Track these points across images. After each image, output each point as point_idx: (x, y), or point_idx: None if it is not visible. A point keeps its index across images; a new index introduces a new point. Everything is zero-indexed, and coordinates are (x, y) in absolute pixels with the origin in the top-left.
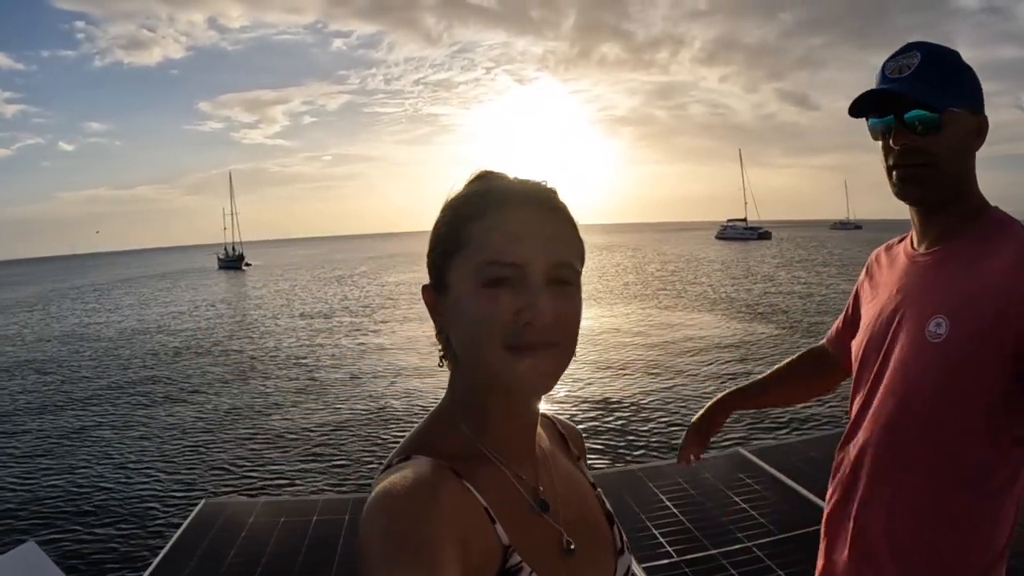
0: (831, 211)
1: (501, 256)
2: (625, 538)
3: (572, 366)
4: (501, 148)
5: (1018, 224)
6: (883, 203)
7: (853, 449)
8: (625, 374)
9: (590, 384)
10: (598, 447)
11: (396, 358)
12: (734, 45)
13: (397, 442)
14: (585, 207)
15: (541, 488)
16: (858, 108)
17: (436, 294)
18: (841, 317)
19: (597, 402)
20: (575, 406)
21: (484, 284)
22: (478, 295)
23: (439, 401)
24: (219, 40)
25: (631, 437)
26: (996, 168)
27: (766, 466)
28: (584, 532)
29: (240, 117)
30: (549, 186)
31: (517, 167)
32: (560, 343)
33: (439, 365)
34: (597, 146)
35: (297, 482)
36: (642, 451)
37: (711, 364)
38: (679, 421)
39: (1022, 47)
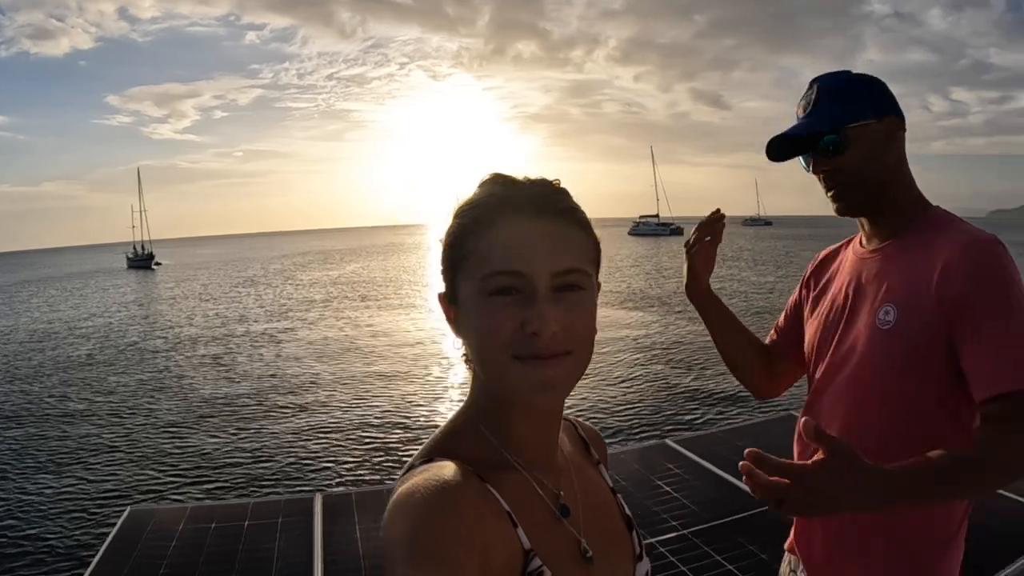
0: (743, 208)
1: (503, 266)
2: (643, 543)
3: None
4: (415, 144)
5: (956, 219)
6: (792, 201)
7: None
8: None
9: None
10: None
11: (313, 363)
12: (649, 45)
13: (317, 445)
14: None
15: (562, 493)
16: (779, 152)
17: (450, 304)
18: (781, 318)
19: None
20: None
21: (489, 294)
22: (484, 306)
23: (462, 404)
24: (129, 31)
25: None
26: None
27: (692, 455)
28: (603, 538)
29: (150, 111)
30: (556, 187)
31: (432, 164)
32: (573, 351)
33: (468, 369)
34: (511, 143)
35: (224, 486)
36: None
37: (626, 363)
38: (597, 415)
39: (929, 51)
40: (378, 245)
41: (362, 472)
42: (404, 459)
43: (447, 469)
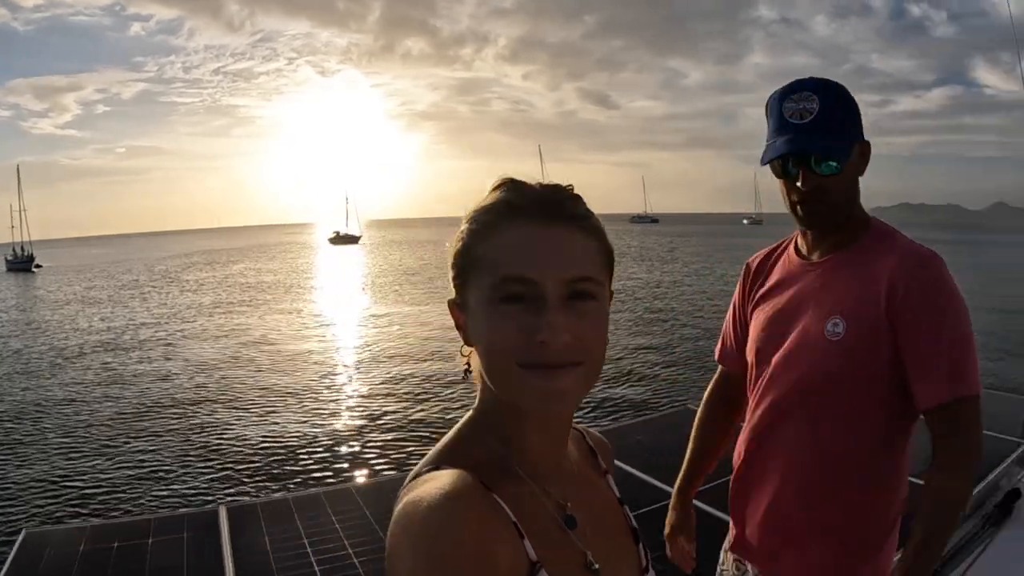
0: (630, 205)
1: (513, 272)
2: (650, 556)
3: (388, 364)
4: (303, 141)
5: (897, 233)
6: (677, 198)
7: (759, 433)
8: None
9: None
10: (415, 450)
11: (203, 372)
12: (538, 44)
13: (214, 456)
14: (385, 203)
15: (569, 504)
16: (766, 157)
17: (460, 311)
18: (727, 328)
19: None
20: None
21: (498, 302)
22: (492, 313)
23: (467, 413)
24: (10, 19)
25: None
26: None
27: None
28: (609, 549)
29: (30, 105)
30: (569, 193)
31: (320, 161)
32: (584, 362)
33: (463, 379)
34: (398, 141)
35: (121, 504)
36: None
37: None
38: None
39: (814, 56)
40: (266, 245)
41: (264, 481)
42: (306, 466)
43: (453, 478)
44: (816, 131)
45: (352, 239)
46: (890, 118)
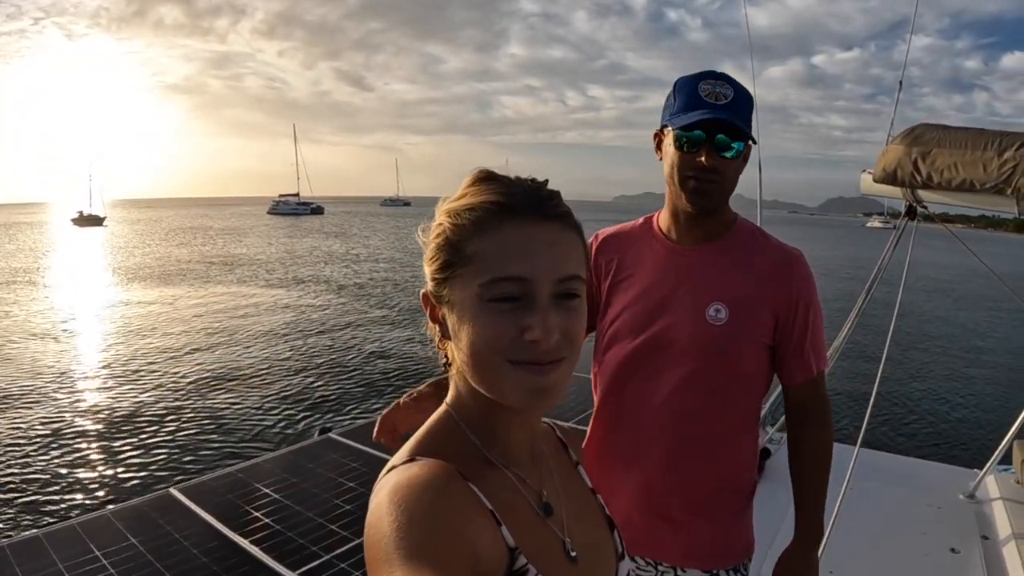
0: (382, 188)
1: (508, 272)
2: (624, 543)
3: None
4: (44, 112)
5: (760, 230)
6: (429, 181)
7: (631, 421)
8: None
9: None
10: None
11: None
12: (296, 21)
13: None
14: (131, 182)
15: (544, 493)
16: (682, 123)
17: (438, 304)
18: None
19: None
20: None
21: (490, 300)
22: (483, 311)
23: (442, 405)
24: None
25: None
26: (539, 154)
27: (196, 507)
28: (586, 537)
29: None
30: (551, 190)
31: (62, 135)
32: (568, 356)
33: (442, 372)
34: (148, 115)
35: None
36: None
37: (272, 346)
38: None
39: (571, 50)
40: None
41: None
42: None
43: (429, 468)
44: (731, 113)
45: (97, 220)
46: (638, 113)
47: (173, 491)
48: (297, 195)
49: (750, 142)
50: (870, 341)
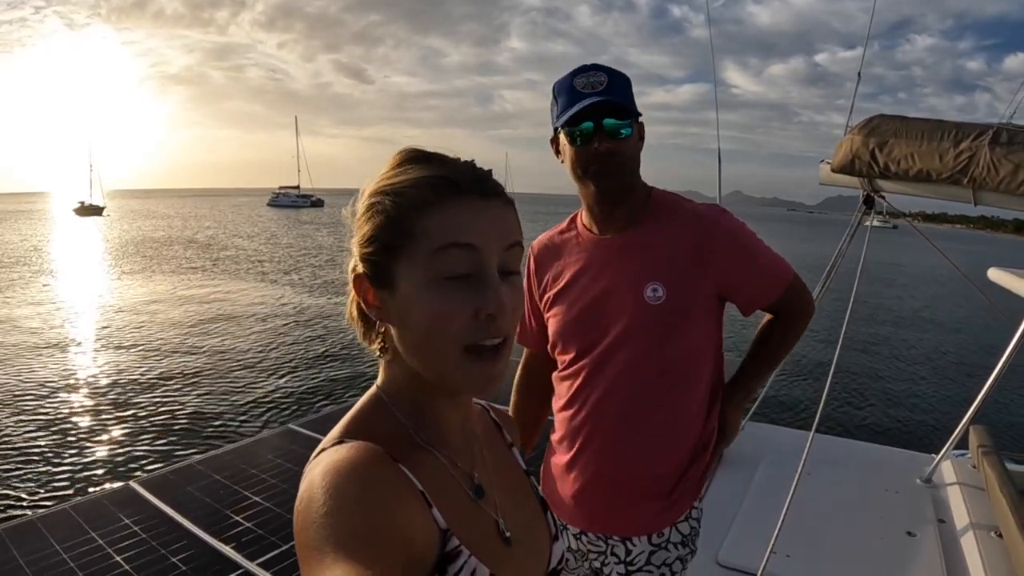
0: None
1: (458, 238)
2: (558, 523)
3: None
4: (44, 101)
5: (679, 198)
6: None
7: (588, 407)
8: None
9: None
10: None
11: None
12: (296, 13)
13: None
14: (129, 172)
15: (476, 475)
16: (567, 119)
17: (375, 287)
18: (528, 316)
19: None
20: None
21: (440, 279)
22: (433, 291)
23: (371, 387)
24: None
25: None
26: (539, 148)
27: (159, 503)
28: (519, 518)
29: None
30: (486, 170)
31: (62, 124)
32: (509, 335)
33: (378, 357)
34: (147, 105)
35: None
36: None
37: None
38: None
39: (573, 45)
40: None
41: None
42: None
43: (358, 450)
44: (611, 96)
45: (97, 210)
46: (642, 108)
47: (133, 484)
48: (297, 187)
49: (638, 118)
50: (826, 327)
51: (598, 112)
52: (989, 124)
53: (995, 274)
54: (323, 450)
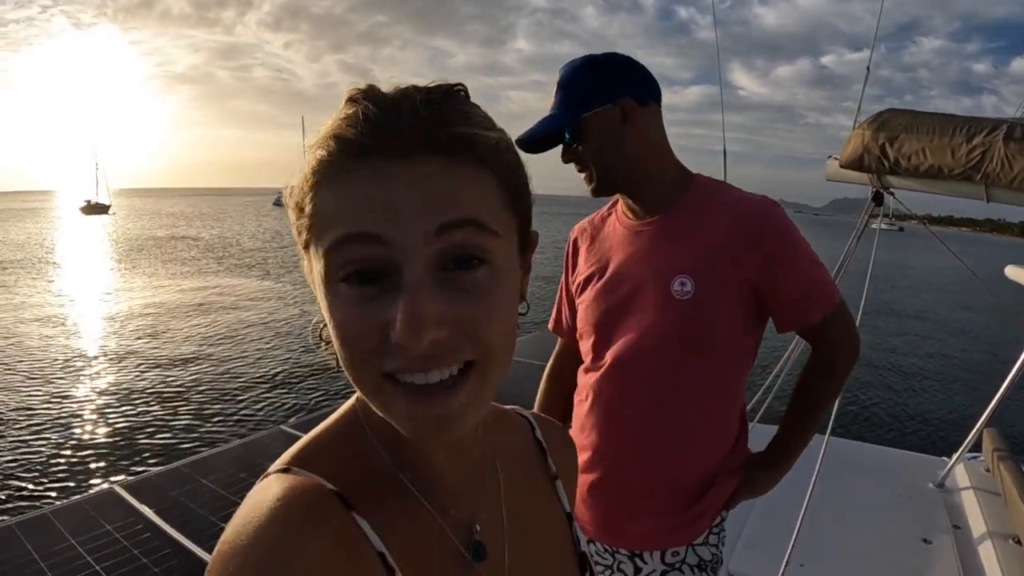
0: None
1: (349, 228)
2: (581, 527)
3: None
4: (51, 99)
5: (724, 184)
6: None
7: (602, 403)
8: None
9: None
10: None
11: None
12: (301, 13)
13: None
14: (133, 171)
15: (478, 528)
16: (537, 145)
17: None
18: (562, 301)
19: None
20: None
21: (338, 283)
22: (334, 300)
23: (348, 401)
24: None
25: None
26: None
27: (142, 507)
28: None
29: None
30: (443, 105)
31: (68, 122)
32: (476, 360)
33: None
34: (152, 104)
35: None
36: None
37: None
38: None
39: (579, 46)
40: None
41: None
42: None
43: (294, 491)
44: (555, 113)
45: (103, 209)
46: None
47: (116, 488)
48: None
49: (597, 110)
50: None
51: (536, 144)
52: (1003, 119)
53: (1013, 271)
54: (267, 475)
